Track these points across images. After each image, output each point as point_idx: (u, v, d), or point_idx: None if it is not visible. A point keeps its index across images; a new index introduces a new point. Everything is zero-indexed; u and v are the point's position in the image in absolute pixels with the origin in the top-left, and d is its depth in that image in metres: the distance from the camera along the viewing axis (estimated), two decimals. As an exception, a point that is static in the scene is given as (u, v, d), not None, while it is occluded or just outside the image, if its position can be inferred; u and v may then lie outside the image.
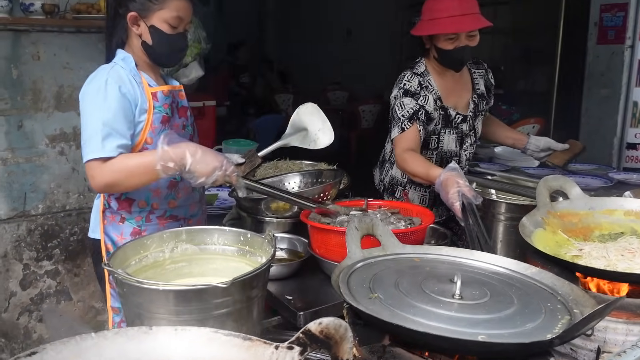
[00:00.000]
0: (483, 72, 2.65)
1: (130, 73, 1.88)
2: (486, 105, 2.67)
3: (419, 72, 2.50)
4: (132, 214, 1.97)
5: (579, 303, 1.24)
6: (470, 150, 2.65)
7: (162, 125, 1.91)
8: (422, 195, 2.65)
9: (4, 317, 2.89)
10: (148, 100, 1.89)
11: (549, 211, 1.85)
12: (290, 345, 1.05)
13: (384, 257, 1.48)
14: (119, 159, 1.76)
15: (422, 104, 2.43)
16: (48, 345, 1.02)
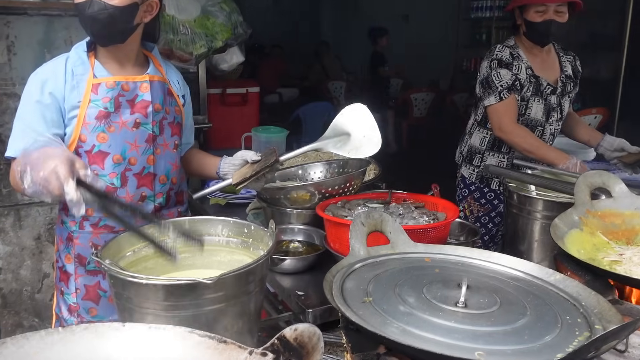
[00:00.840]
0: (571, 58, 2.75)
1: (75, 63, 1.71)
2: (573, 88, 2.74)
3: (509, 45, 2.65)
4: (67, 217, 1.82)
5: (603, 318, 1.09)
6: (555, 126, 2.70)
7: (97, 122, 1.70)
8: (500, 162, 2.74)
9: (37, 298, 2.96)
10: (85, 94, 1.69)
11: (589, 210, 1.67)
12: (264, 352, 0.97)
13: (391, 256, 1.36)
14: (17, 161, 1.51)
15: (516, 72, 2.58)
16: (8, 339, 0.97)
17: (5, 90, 2.74)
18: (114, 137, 1.73)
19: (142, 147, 1.78)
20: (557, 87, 2.66)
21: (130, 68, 1.79)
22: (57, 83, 1.69)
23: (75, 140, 1.71)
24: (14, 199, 2.85)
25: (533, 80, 2.61)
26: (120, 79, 1.74)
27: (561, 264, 1.47)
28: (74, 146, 1.72)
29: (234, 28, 3.16)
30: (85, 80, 1.70)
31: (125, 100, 1.75)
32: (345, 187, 2.05)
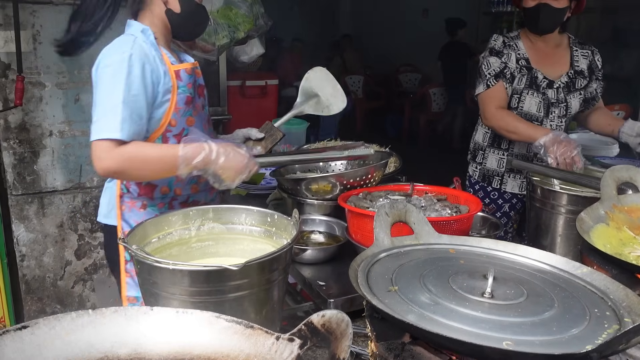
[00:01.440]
0: (588, 52, 2.57)
1: (152, 47, 1.68)
2: (588, 83, 2.56)
3: (508, 35, 2.58)
4: (154, 201, 1.80)
5: (632, 311, 1.07)
6: (557, 122, 2.54)
7: (186, 107, 1.75)
8: (500, 159, 2.65)
9: (59, 285, 3.00)
10: (172, 79, 1.71)
11: (615, 205, 1.65)
12: (291, 337, 0.97)
13: (415, 246, 1.35)
14: (133, 145, 1.57)
15: (505, 61, 2.50)
16: (41, 320, 0.99)
17: (31, 79, 2.77)
18: (197, 120, 1.80)
19: (208, 128, 1.91)
20: (555, 82, 2.50)
21: (175, 56, 1.82)
22: (153, 65, 1.66)
23: (165, 124, 1.72)
24: (37, 186, 2.89)
25: (526, 72, 2.50)
26: (191, 65, 1.80)
27: (587, 257, 1.46)
28: (163, 130, 1.72)
29: (256, 19, 3.17)
30: (166, 66, 1.70)
31: (196, 86, 1.82)
32: (367, 179, 2.05)
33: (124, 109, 1.56)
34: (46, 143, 2.87)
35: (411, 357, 1.07)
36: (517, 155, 2.59)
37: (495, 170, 2.66)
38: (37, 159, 2.87)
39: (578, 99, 2.54)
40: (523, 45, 2.53)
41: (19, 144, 2.83)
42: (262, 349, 0.99)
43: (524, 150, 2.57)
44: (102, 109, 1.58)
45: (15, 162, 2.84)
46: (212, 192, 1.93)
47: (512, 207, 2.68)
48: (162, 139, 1.73)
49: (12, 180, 2.85)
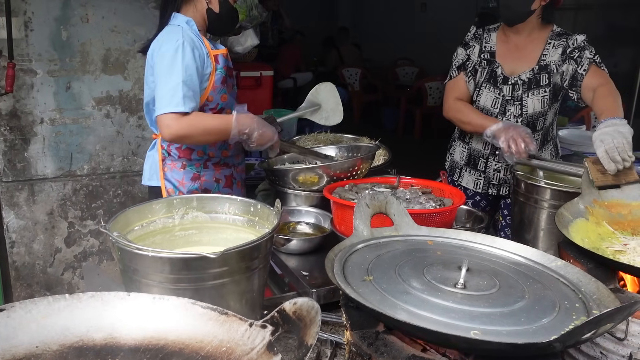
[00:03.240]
0: (564, 40, 2.34)
1: (196, 35, 2.00)
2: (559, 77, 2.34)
3: (488, 27, 2.52)
4: (192, 161, 2.14)
5: (602, 304, 1.09)
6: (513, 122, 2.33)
7: (221, 85, 2.06)
8: (462, 152, 2.59)
9: (49, 272, 3.01)
10: (212, 62, 2.02)
11: (595, 200, 1.67)
12: (263, 324, 1.00)
13: (394, 238, 1.37)
14: (195, 115, 1.92)
15: (469, 53, 2.48)
16: (17, 303, 1.01)
17: (22, 66, 2.77)
18: (229, 97, 2.12)
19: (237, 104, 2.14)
20: (511, 78, 2.37)
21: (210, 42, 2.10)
22: (200, 50, 1.98)
23: (204, 99, 2.03)
24: (27, 173, 2.90)
25: (486, 66, 2.42)
26: (226, 51, 2.10)
27: (565, 251, 1.48)
28: (201, 104, 2.02)
29: (249, 10, 3.18)
30: (206, 51, 2.02)
31: (228, 68, 2.11)
32: (354, 171, 2.06)
33: (184, 87, 1.89)
34: (37, 130, 2.87)
35: (384, 346, 1.08)
36: (474, 149, 2.52)
37: (457, 162, 2.62)
38: (28, 146, 2.88)
39: (539, 98, 2.36)
40: (495, 38, 2.46)
41: (9, 130, 2.83)
42: (235, 335, 1.01)
43: (481, 146, 2.50)
44: (166, 87, 1.90)
45: (5, 149, 2.84)
46: (238, 157, 2.28)
47: (476, 204, 2.57)
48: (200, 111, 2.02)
49: (3, 167, 2.85)
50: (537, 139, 2.42)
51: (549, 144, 2.51)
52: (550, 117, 2.44)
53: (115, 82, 2.93)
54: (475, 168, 2.53)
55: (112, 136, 3.00)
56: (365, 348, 1.08)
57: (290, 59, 8.56)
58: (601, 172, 1.74)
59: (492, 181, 2.50)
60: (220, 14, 2.07)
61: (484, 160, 2.50)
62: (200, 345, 1.01)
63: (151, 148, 2.21)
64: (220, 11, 2.07)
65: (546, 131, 2.46)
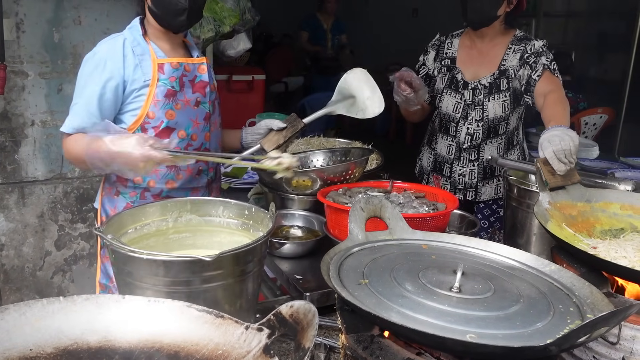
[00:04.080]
0: (523, 45, 2.37)
1: (132, 43, 1.79)
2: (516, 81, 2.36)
3: (453, 33, 2.55)
4: (126, 189, 1.90)
5: (596, 307, 1.10)
6: (475, 127, 2.41)
7: (166, 99, 1.80)
8: (429, 157, 2.62)
9: (38, 275, 2.99)
10: (152, 72, 1.79)
11: (550, 202, 1.67)
12: (260, 327, 0.99)
13: (389, 241, 1.38)
14: (73, 138, 1.75)
15: (424, 60, 2.54)
16: (11, 306, 1.00)
17: (13, 68, 2.75)
18: (180, 115, 1.85)
19: (202, 125, 1.91)
20: (471, 83, 2.40)
21: (180, 50, 1.93)
22: (118, 63, 1.76)
23: (143, 116, 1.80)
24: (18, 176, 2.88)
25: (447, 72, 2.46)
26: (181, 60, 1.86)
27: (558, 256, 1.49)
28: (141, 122, 1.81)
29: (242, 14, 3.18)
30: (149, 60, 1.80)
31: (188, 80, 1.87)
32: (347, 175, 2.06)
33: (77, 103, 1.76)
34: (28, 132, 2.86)
35: (379, 349, 1.08)
36: (438, 154, 2.55)
37: (425, 167, 2.65)
38: (19, 149, 2.86)
39: (500, 102, 2.38)
40: (458, 44, 2.50)
41: (0, 132, 2.81)
42: (231, 338, 1.00)
43: (445, 152, 2.52)
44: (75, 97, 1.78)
45: (-4, 151, 2.82)
46: (196, 191, 1.96)
47: None
48: (141, 130, 1.80)
49: (-7, 169, 2.83)
50: (501, 143, 2.46)
51: (515, 149, 2.53)
52: (514, 122, 2.47)
53: (108, 84, 2.91)
54: (441, 173, 2.56)
55: (103, 139, 2.99)
56: (360, 351, 1.08)
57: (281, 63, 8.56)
58: (551, 173, 1.74)
59: (458, 186, 2.53)
60: (152, 7, 1.79)
61: (448, 165, 2.53)
62: (196, 349, 1.00)
63: None
64: (152, 3, 1.79)
65: (510, 135, 2.49)
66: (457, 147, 2.46)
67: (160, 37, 1.86)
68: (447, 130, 2.48)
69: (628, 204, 1.68)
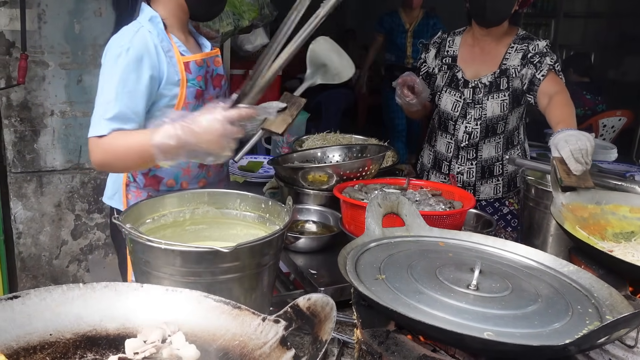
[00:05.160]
0: (526, 44, 2.35)
1: (158, 37, 1.61)
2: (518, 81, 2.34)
3: (454, 31, 2.54)
4: (159, 193, 1.73)
5: (615, 309, 1.09)
6: (474, 126, 2.40)
7: (195, 101, 1.69)
8: (429, 154, 2.61)
9: (54, 264, 3.02)
10: (180, 72, 1.65)
11: (563, 203, 1.65)
12: (277, 319, 1.00)
13: (406, 238, 1.37)
14: (111, 137, 1.51)
15: (425, 57, 2.53)
16: (32, 291, 1.01)
17: (34, 58, 2.78)
18: None
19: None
20: (471, 81, 2.39)
21: (192, 42, 1.79)
22: (154, 59, 1.59)
23: None
24: (36, 165, 2.91)
25: (447, 70, 2.46)
26: (203, 56, 1.73)
27: (575, 257, 1.48)
28: None
29: (261, 8, 3.18)
30: (174, 57, 1.65)
31: (209, 77, 1.76)
32: (363, 171, 2.06)
33: (111, 103, 1.52)
34: (47, 122, 2.89)
35: (395, 345, 1.08)
36: (438, 152, 2.54)
37: (425, 165, 2.63)
38: (38, 138, 2.89)
39: (499, 101, 2.36)
40: (459, 42, 2.48)
41: (20, 122, 2.84)
42: (248, 329, 1.01)
43: (443, 149, 2.51)
44: (97, 102, 1.55)
45: (15, 140, 2.85)
46: (220, 185, 1.91)
47: None
48: None
49: (12, 158, 2.86)
50: (499, 142, 2.44)
51: (515, 149, 2.50)
52: (514, 122, 2.44)
53: (127, 76, 2.94)
54: (440, 171, 2.56)
55: (121, 130, 3.01)
56: (375, 347, 1.08)
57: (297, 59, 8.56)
58: (566, 173, 1.72)
59: (456, 184, 2.51)
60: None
61: (447, 163, 2.52)
62: (213, 338, 1.01)
63: None
64: None
65: (510, 135, 2.46)
66: (455, 146, 2.45)
67: (177, 29, 1.71)
68: (446, 128, 2.48)
69: (637, 206, 1.66)
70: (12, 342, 0.93)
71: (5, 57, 2.76)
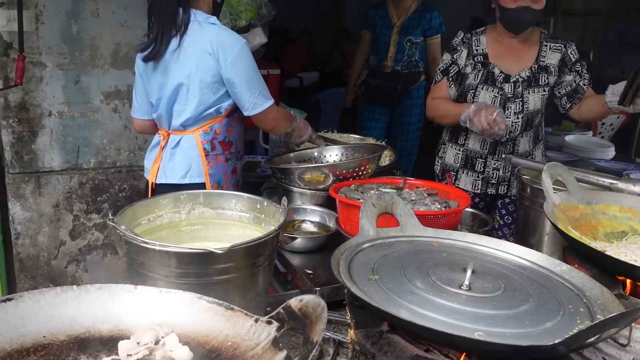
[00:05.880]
0: (561, 46, 2.47)
1: None
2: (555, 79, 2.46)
3: (473, 31, 2.57)
4: (231, 154, 2.20)
5: (606, 309, 1.10)
6: (514, 119, 2.47)
7: None
8: (456, 154, 2.63)
9: (53, 264, 3.03)
10: None
11: (555, 204, 1.65)
12: (269, 320, 1.00)
13: (400, 238, 1.38)
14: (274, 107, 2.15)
15: (456, 58, 2.53)
16: (26, 293, 1.01)
17: (32, 59, 2.78)
18: None
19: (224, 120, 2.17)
20: (512, 76, 2.45)
21: None
22: None
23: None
24: (34, 166, 2.91)
25: (481, 68, 2.49)
26: None
27: (569, 256, 1.48)
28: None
29: (259, 8, 3.17)
30: None
31: None
32: (360, 171, 2.06)
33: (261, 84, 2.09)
34: (45, 123, 2.89)
35: (388, 345, 1.09)
36: (471, 150, 2.57)
37: (452, 165, 2.65)
38: (36, 139, 2.89)
39: (539, 95, 2.46)
40: (485, 41, 2.52)
41: (17, 122, 2.84)
42: (240, 330, 1.01)
43: (478, 146, 2.54)
44: (258, 83, 2.07)
45: (13, 140, 2.86)
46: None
47: (474, 206, 2.54)
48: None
49: (10, 159, 2.87)
50: (531, 137, 2.53)
51: (539, 144, 2.59)
52: (540, 117, 2.54)
53: (124, 76, 2.94)
54: (472, 169, 2.57)
55: (119, 130, 3.02)
56: (369, 347, 1.09)
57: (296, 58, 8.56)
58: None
59: (491, 180, 2.54)
60: (221, 1, 2.12)
61: (482, 160, 2.54)
62: (206, 340, 1.02)
63: (174, 146, 2.13)
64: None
65: (536, 130, 2.56)
66: (492, 141, 2.48)
67: None
68: None
69: (627, 206, 1.67)
70: (6, 345, 0.94)
71: (3, 58, 2.76)
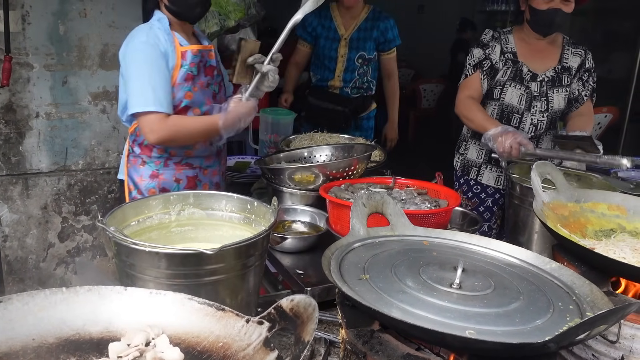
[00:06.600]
0: (581, 52, 2.57)
1: (165, 32, 2.02)
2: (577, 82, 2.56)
3: (500, 30, 2.62)
4: (151, 159, 2.14)
5: (595, 306, 1.10)
6: (539, 117, 2.55)
7: (184, 82, 2.05)
8: (480, 150, 2.69)
9: (41, 267, 3.00)
10: (177, 58, 2.03)
11: (544, 202, 1.67)
12: (260, 320, 1.00)
13: (390, 237, 1.38)
14: (177, 118, 2.00)
15: (489, 53, 2.55)
16: (14, 296, 1.00)
17: (19, 60, 2.76)
18: (196, 95, 2.10)
19: (210, 104, 2.16)
20: (539, 75, 2.52)
21: (193, 39, 2.16)
22: (165, 46, 2.01)
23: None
24: (22, 167, 2.89)
25: (511, 65, 2.53)
26: (199, 48, 2.11)
27: (558, 254, 1.49)
28: None
29: (248, 8, 3.17)
30: (174, 47, 2.04)
31: (202, 65, 2.12)
32: (350, 171, 2.07)
33: (157, 87, 1.94)
34: (32, 124, 2.86)
35: (379, 344, 1.09)
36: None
37: (474, 161, 2.69)
38: (23, 140, 2.87)
39: (563, 95, 2.54)
40: (513, 39, 2.56)
41: (4, 124, 2.82)
42: (232, 330, 1.01)
43: None
44: (136, 86, 1.95)
45: (0, 142, 2.83)
46: (209, 159, 2.24)
47: (495, 202, 2.70)
48: None
49: (-3, 161, 2.84)
50: (550, 136, 2.63)
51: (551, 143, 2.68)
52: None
53: (112, 77, 2.92)
54: (497, 164, 2.61)
55: (107, 131, 3.00)
56: (360, 346, 1.09)
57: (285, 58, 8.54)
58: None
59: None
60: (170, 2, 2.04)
61: None
62: (197, 341, 1.01)
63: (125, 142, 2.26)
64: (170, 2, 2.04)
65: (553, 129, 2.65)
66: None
67: (178, 28, 2.09)
68: (509, 122, 2.56)
69: (615, 204, 1.69)
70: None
71: (-11, 59, 2.74)
